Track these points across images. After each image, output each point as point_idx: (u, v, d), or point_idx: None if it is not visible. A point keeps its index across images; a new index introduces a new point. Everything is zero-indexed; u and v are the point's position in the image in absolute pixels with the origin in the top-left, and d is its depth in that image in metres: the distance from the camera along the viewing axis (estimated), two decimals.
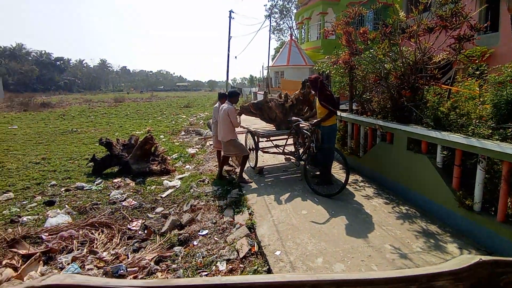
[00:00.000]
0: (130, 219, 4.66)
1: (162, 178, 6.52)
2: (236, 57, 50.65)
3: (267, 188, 5.03)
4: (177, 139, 11.35)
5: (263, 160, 6.64)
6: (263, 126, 6.63)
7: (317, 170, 5.41)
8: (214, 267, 3.14)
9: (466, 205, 3.41)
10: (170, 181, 6.22)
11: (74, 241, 4.02)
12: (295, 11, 36.20)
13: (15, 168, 7.38)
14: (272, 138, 6.03)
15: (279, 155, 6.13)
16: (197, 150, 9.13)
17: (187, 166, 7.44)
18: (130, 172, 6.78)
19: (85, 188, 6.03)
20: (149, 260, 3.49)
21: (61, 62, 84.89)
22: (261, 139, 6.02)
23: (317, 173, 5.33)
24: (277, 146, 6.00)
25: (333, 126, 5.04)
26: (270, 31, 31.23)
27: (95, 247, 3.91)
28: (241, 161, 5.50)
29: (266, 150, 6.10)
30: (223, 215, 4.35)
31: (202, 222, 4.18)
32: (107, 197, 5.54)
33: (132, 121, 16.71)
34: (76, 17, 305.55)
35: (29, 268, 3.38)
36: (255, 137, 5.92)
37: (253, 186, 5.19)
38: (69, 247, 3.90)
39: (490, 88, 4.06)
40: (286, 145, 5.80)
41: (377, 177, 5.16)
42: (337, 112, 5.12)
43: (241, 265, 3.14)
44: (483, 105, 4.02)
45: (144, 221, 4.58)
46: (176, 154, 8.64)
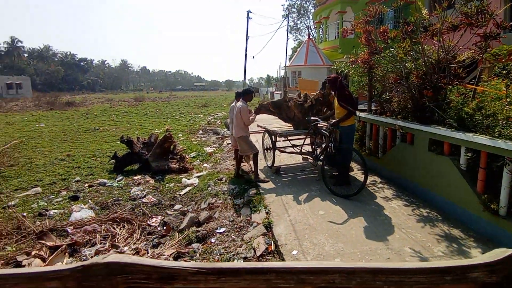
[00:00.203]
0: (149, 215, 4.79)
1: (181, 176, 6.65)
2: (253, 57, 50.97)
3: (284, 188, 5.04)
4: (195, 138, 11.52)
5: (280, 159, 6.64)
6: (280, 126, 6.64)
7: (335, 171, 5.36)
8: None
9: (491, 209, 3.30)
10: (188, 179, 6.34)
11: (97, 235, 4.17)
12: (312, 10, 35.93)
13: (42, 164, 7.73)
14: (289, 137, 6.03)
15: (296, 155, 6.12)
16: (215, 149, 9.24)
17: (205, 165, 7.55)
18: (149, 170, 6.96)
19: (107, 185, 6.24)
20: (168, 255, 3.58)
21: (85, 62, 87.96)
22: (278, 138, 6.03)
23: (335, 173, 5.29)
24: (294, 146, 5.99)
25: (352, 126, 4.98)
26: (287, 30, 31.14)
27: (116, 241, 4.04)
28: (252, 160, 5.53)
29: (283, 149, 6.10)
30: (240, 213, 4.39)
31: (220, 220, 4.24)
32: (127, 193, 5.72)
33: (151, 120, 17.10)
34: (98, 18, 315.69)
35: (55, 259, 3.55)
36: (273, 136, 5.93)
37: (270, 185, 5.20)
38: (92, 241, 4.06)
39: None
40: (303, 144, 5.78)
41: (397, 178, 5.06)
42: (356, 112, 5.05)
43: None
44: (510, 105, 3.86)
45: (163, 217, 4.70)
46: (194, 153, 8.78)
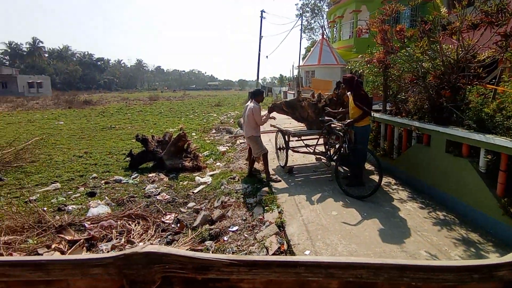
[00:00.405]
0: (164, 212, 4.87)
1: (194, 174, 6.73)
2: (267, 57, 51.01)
3: (296, 188, 5.03)
4: (208, 137, 11.63)
5: (292, 159, 6.63)
6: (293, 126, 6.62)
7: (348, 171, 5.31)
8: None
9: (511, 213, 3.20)
10: (202, 178, 6.41)
11: (113, 230, 4.28)
12: (327, 9, 35.54)
13: (61, 160, 7.98)
14: (303, 137, 6.01)
15: (309, 155, 6.09)
16: (228, 148, 9.30)
17: (218, 164, 7.62)
18: (164, 168, 7.07)
19: (122, 182, 6.38)
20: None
21: (102, 62, 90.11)
22: (291, 138, 6.02)
23: (349, 174, 5.24)
24: (307, 146, 5.97)
25: (366, 127, 4.93)
26: (301, 30, 30.95)
27: (132, 237, 4.14)
28: (262, 160, 5.54)
29: (296, 149, 6.09)
30: (252, 212, 4.42)
31: (232, 219, 4.28)
32: (142, 190, 5.83)
33: (165, 119, 17.36)
34: (116, 18, 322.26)
35: (74, 253, 3.66)
36: (286, 136, 5.93)
37: (282, 185, 5.20)
38: (109, 236, 4.16)
39: None
40: (317, 145, 5.75)
41: (412, 180, 4.97)
42: (371, 113, 4.98)
43: None
44: None
45: (176, 215, 4.77)
46: (207, 152, 8.87)
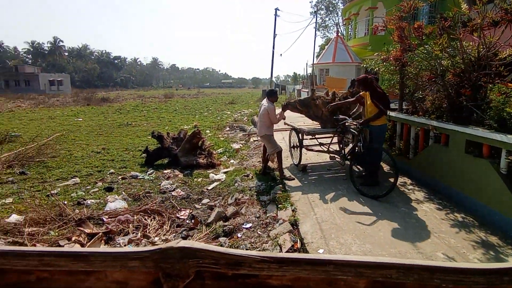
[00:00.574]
0: (178, 208, 4.96)
1: (208, 171, 6.81)
2: (281, 55, 50.72)
3: (310, 186, 5.02)
4: (222, 134, 11.72)
5: (306, 157, 6.60)
6: (307, 124, 6.59)
7: (363, 170, 5.25)
8: None
9: None
10: (216, 175, 6.48)
11: (130, 225, 4.39)
12: (341, 7, 35.03)
13: (80, 156, 8.24)
14: (317, 135, 5.98)
15: (323, 154, 6.06)
16: (241, 145, 9.35)
17: (232, 161, 7.68)
18: (178, 164, 7.19)
19: (139, 177, 6.53)
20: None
21: (119, 60, 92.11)
22: (305, 136, 6.00)
23: (363, 173, 5.18)
24: (321, 144, 5.93)
25: (382, 126, 4.85)
26: (315, 28, 30.62)
27: (148, 232, 4.24)
28: (276, 158, 5.56)
29: (310, 147, 6.07)
30: (266, 210, 4.44)
31: (246, 216, 4.31)
32: (158, 186, 5.95)
33: (180, 116, 17.58)
34: (132, 17, 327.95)
35: (93, 245, 3.79)
36: (300, 134, 5.91)
37: (296, 183, 5.20)
38: (126, 230, 4.27)
39: None
40: (331, 143, 5.71)
41: (429, 180, 4.87)
42: (387, 112, 4.90)
43: None
44: None
45: (191, 211, 4.85)
46: (221, 149, 8.94)
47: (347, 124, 5.15)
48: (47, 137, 10.35)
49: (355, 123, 4.93)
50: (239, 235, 3.86)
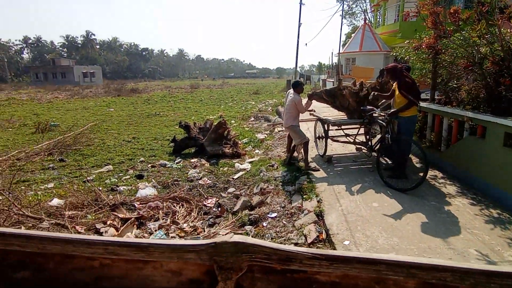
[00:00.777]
0: (205, 196, 5.11)
1: (234, 161, 6.92)
2: (306, 44, 49.81)
3: (335, 177, 4.97)
4: (247, 124, 11.80)
5: (332, 149, 6.52)
6: (333, 114, 6.49)
7: (391, 163, 5.12)
8: None
9: None
10: (241, 164, 6.58)
11: (160, 211, 4.59)
12: None
13: (112, 145, 8.65)
14: (343, 126, 5.88)
15: (349, 145, 5.96)
16: (266, 135, 9.38)
17: (257, 151, 7.74)
18: (205, 153, 7.35)
19: (167, 166, 6.76)
20: (222, 235, 3.82)
21: (146, 52, 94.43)
22: (331, 127, 5.92)
23: (391, 165, 5.05)
24: (347, 135, 5.83)
25: (412, 117, 4.68)
26: (342, 15, 29.66)
27: (176, 218, 4.42)
28: (303, 149, 5.55)
29: (336, 138, 5.98)
30: (291, 200, 4.47)
31: (271, 205, 4.37)
32: (185, 175, 6.14)
33: (206, 106, 17.86)
34: (159, 9, 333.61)
35: (126, 230, 4.01)
36: (325, 125, 5.84)
37: (321, 174, 5.17)
38: (156, 216, 4.47)
39: None
40: (357, 134, 5.60)
41: (462, 174, 4.66)
42: (418, 103, 4.70)
43: None
44: None
45: (217, 199, 4.98)
46: (246, 139, 9.02)
47: (374, 115, 5.02)
48: (82, 126, 10.95)
49: (383, 114, 4.79)
50: (264, 224, 3.92)
